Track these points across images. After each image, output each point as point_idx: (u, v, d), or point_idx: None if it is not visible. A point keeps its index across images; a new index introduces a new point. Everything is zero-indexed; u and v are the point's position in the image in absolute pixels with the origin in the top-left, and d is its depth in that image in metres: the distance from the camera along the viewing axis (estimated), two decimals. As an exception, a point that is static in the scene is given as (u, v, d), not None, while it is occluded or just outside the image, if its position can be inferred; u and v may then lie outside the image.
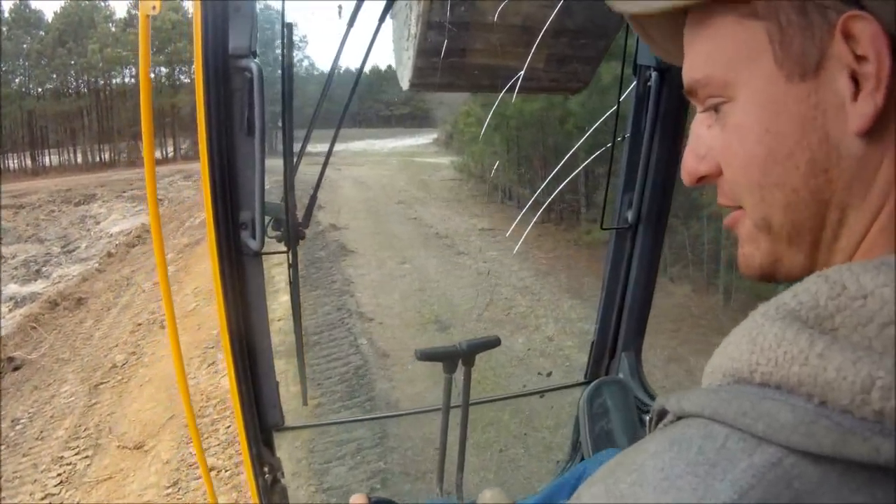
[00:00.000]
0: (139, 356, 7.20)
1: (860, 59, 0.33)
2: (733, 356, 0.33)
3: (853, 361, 0.28)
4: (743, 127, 0.37)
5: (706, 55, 0.39)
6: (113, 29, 34.93)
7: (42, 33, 33.37)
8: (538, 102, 9.69)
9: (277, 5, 1.07)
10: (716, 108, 0.39)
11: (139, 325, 8.35)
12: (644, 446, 0.34)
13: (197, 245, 12.38)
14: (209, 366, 6.41)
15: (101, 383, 6.58)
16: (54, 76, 34.42)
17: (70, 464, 4.99)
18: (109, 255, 13.19)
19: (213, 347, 6.71)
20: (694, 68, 0.40)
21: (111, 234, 15.57)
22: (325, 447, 4.61)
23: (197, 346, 7.06)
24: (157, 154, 33.93)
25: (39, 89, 34.48)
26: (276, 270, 7.71)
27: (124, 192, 21.06)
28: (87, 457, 5.07)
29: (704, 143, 0.41)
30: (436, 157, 27.42)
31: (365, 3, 1.05)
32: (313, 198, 1.14)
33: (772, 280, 0.40)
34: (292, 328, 1.23)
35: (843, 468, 0.27)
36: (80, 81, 35.31)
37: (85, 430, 5.54)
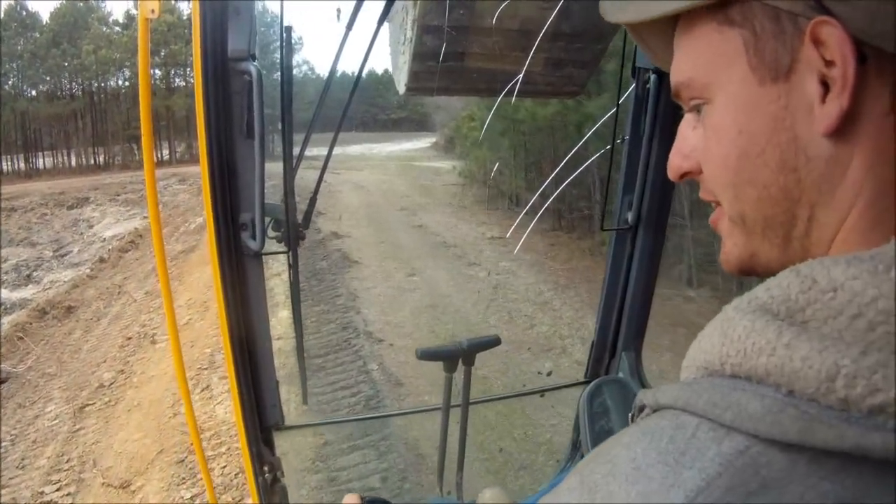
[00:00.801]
0: (128, 375, 6.73)
1: (829, 63, 0.35)
2: (705, 349, 0.35)
3: (819, 351, 0.29)
4: (719, 127, 0.40)
5: (689, 59, 0.42)
6: (107, 31, 34.96)
7: (36, 34, 33.36)
8: (553, 107, 9.51)
9: (276, 7, 1.10)
10: (698, 109, 0.42)
11: (129, 339, 7.84)
12: (619, 438, 0.35)
13: (192, 252, 12.02)
14: (203, 390, 5.82)
15: (88, 405, 6.13)
16: (48, 77, 34.45)
17: (51, 502, 4.58)
18: (102, 260, 12.91)
19: (206, 369, 6.21)
20: (679, 71, 0.43)
21: (104, 239, 15.36)
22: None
23: (189, 366, 6.34)
24: (154, 157, 33.91)
25: (33, 91, 34.51)
26: (274, 281, 7.50)
27: (118, 195, 20.87)
28: (68, 493, 4.66)
29: (689, 143, 0.44)
30: (435, 162, 27.06)
31: (363, 7, 1.07)
32: (313, 199, 1.16)
33: (751, 274, 0.42)
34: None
35: (811, 456, 0.28)
36: (74, 83, 35.36)
37: (68, 460, 5.18)
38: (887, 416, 0.27)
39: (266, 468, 1.11)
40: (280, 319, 6.45)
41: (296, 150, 1.12)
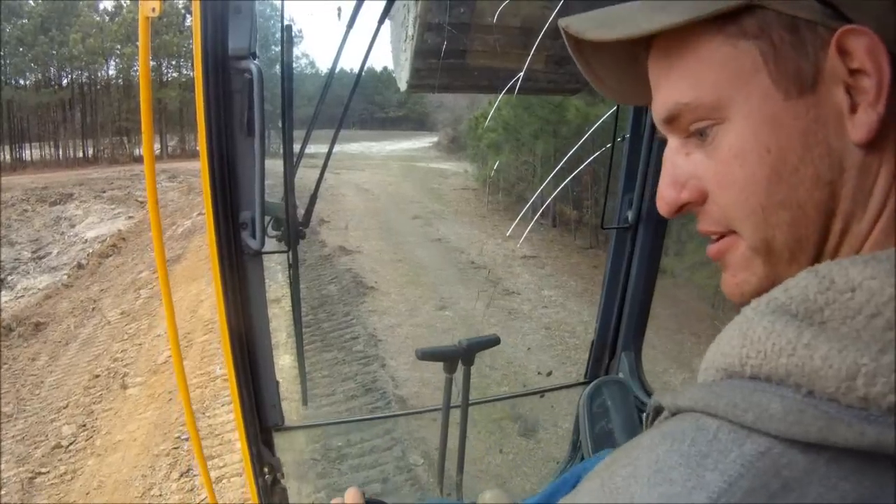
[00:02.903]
0: (90, 434, 5.44)
1: (854, 72, 0.35)
2: (725, 351, 0.35)
3: (839, 350, 0.29)
4: (741, 148, 0.38)
5: (692, 78, 0.39)
6: (97, 18, 34.55)
7: (24, 21, 32.82)
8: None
9: (276, 3, 1.12)
10: (701, 133, 0.40)
11: (96, 377, 6.62)
12: (639, 441, 0.36)
13: (177, 262, 10.67)
14: (181, 477, 4.41)
15: (39, 473, 4.94)
16: (35, 65, 34.02)
17: None
18: (80, 266, 12.19)
19: (186, 439, 4.79)
20: (676, 94, 0.40)
21: (85, 240, 14.75)
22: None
23: (166, 432, 5.00)
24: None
25: (21, 80, 34.08)
26: (274, 311, 5.92)
27: (104, 192, 20.09)
28: None
29: (684, 171, 0.42)
30: (439, 163, 26.05)
31: (364, 5, 1.09)
32: (313, 197, 1.18)
33: None
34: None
35: (830, 456, 0.29)
36: (63, 72, 34.97)
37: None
38: None
39: (266, 469, 1.14)
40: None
41: (296, 149, 1.14)
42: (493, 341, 1.37)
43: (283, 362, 5.00)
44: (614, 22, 0.41)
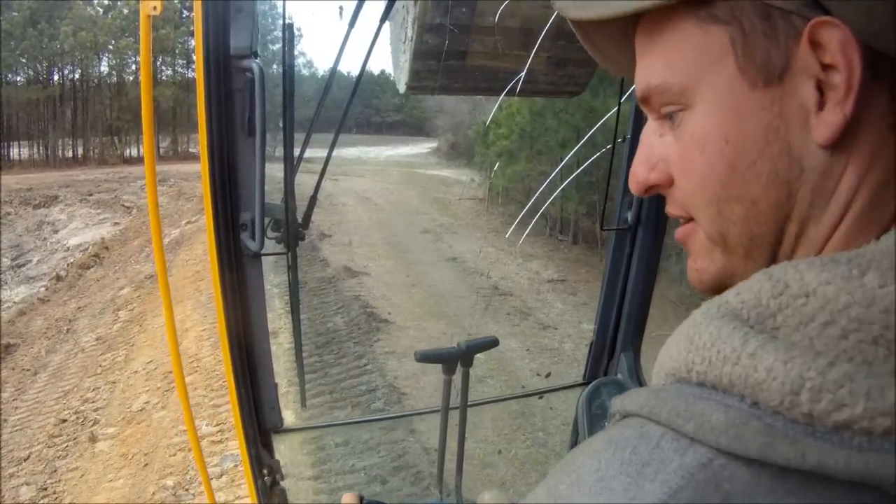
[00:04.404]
0: (52, 499, 4.63)
1: (826, 67, 0.33)
2: (672, 356, 0.34)
3: (784, 361, 0.28)
4: (702, 136, 0.37)
5: (663, 61, 0.38)
6: (91, 11, 34.06)
7: (14, 13, 32.24)
8: None
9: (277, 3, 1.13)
10: (671, 116, 0.39)
11: (63, 422, 5.72)
12: (585, 447, 0.35)
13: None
14: None
15: None
16: (24, 60, 33.53)
17: None
18: (58, 278, 11.54)
19: None
20: (649, 75, 0.40)
21: (67, 248, 14.12)
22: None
23: None
24: (133, 153, 33.30)
25: (10, 75, 33.51)
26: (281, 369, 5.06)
27: (90, 195, 19.48)
28: None
29: (656, 153, 0.41)
30: (440, 170, 25.35)
31: (364, 6, 1.11)
32: (313, 199, 1.19)
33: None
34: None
35: (776, 470, 0.27)
36: (53, 68, 34.51)
37: None
38: (853, 432, 0.27)
39: (265, 471, 1.15)
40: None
41: (295, 152, 1.15)
42: (492, 343, 1.39)
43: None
44: (590, 2, 0.41)
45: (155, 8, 1.02)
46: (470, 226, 14.00)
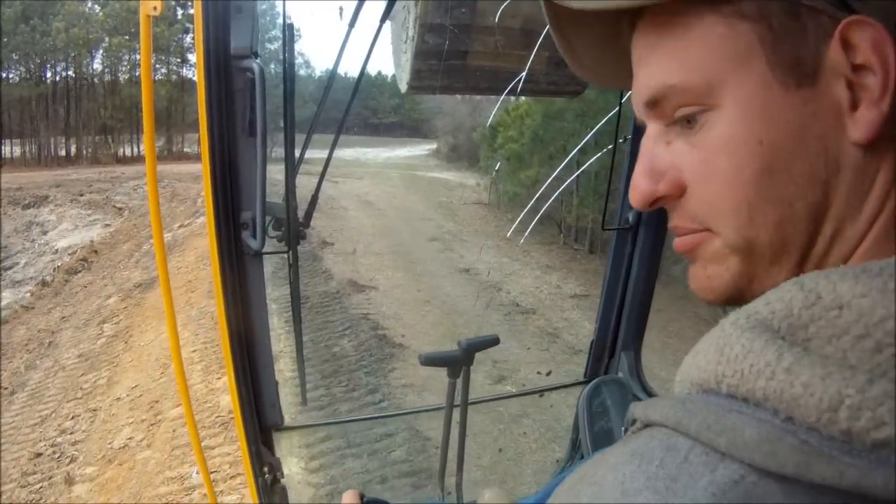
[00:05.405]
0: None
1: (857, 67, 0.33)
2: (701, 366, 0.33)
3: (822, 377, 0.27)
4: (732, 138, 0.36)
5: (681, 59, 0.37)
6: (85, 8, 33.73)
7: (6, 9, 31.92)
8: None
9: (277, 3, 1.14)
10: (689, 120, 0.38)
11: (38, 456, 5.11)
12: (607, 458, 0.34)
13: (150, 289, 9.09)
14: None
15: None
16: (15, 56, 33.22)
17: None
18: (44, 283, 11.19)
19: None
20: (664, 74, 0.38)
21: (56, 251, 13.77)
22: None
23: None
24: (128, 152, 33.11)
25: (2, 72, 33.11)
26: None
27: (81, 194, 19.04)
28: None
29: (663, 162, 0.39)
30: (440, 173, 24.82)
31: (365, 6, 1.12)
32: (314, 198, 1.21)
33: (739, 303, 0.38)
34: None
35: (809, 487, 0.27)
36: (45, 65, 34.24)
37: None
38: (892, 451, 0.26)
39: (266, 469, 1.16)
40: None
41: (295, 153, 1.17)
42: (493, 341, 1.40)
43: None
44: None
45: (155, 8, 1.03)
46: (479, 233, 13.37)
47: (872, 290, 0.29)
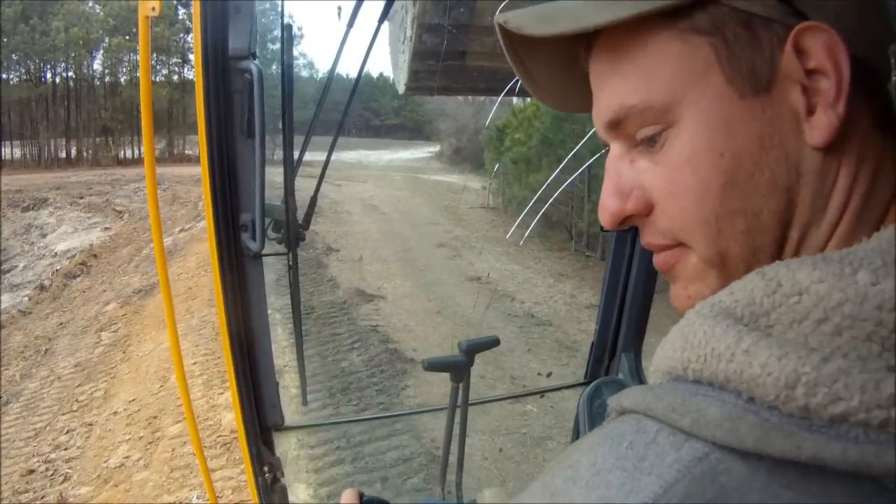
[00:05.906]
0: None
1: (811, 72, 0.34)
2: (668, 354, 0.35)
3: (778, 357, 0.29)
4: (693, 153, 0.36)
5: (639, 78, 0.37)
6: (85, 7, 33.53)
7: (6, 9, 31.78)
8: None
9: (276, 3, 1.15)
10: (651, 140, 0.38)
11: (30, 473, 4.88)
12: (581, 443, 0.36)
13: (148, 295, 8.89)
14: None
15: None
16: (15, 57, 33.05)
17: None
18: (43, 288, 11.08)
19: None
20: (623, 95, 0.38)
21: (55, 254, 13.70)
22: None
23: None
24: (128, 154, 33.08)
25: (1, 73, 33.03)
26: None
27: (81, 197, 18.92)
28: None
29: (628, 181, 0.40)
30: (444, 175, 24.47)
31: (363, 6, 1.12)
32: (313, 199, 1.21)
33: None
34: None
35: (772, 464, 0.28)
36: (45, 66, 34.15)
37: None
38: (849, 425, 0.27)
39: (266, 468, 1.17)
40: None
41: (295, 154, 1.17)
42: (493, 342, 1.41)
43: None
44: (558, 16, 0.39)
45: (154, 9, 1.04)
46: (487, 239, 12.89)
47: (830, 275, 0.30)
